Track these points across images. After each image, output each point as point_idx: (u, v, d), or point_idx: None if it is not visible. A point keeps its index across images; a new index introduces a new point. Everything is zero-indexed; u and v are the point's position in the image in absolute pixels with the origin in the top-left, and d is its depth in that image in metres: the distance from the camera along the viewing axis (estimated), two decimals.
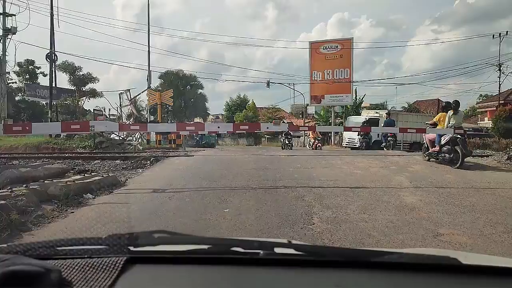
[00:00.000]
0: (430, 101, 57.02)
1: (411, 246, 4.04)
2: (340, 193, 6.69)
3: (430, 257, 1.11)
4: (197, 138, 35.85)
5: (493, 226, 4.84)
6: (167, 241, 1.20)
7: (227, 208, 5.67)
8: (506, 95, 41.75)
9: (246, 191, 6.95)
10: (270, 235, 4.44)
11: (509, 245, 4.14)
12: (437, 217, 5.26)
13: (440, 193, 6.78)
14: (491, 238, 4.38)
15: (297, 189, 6.98)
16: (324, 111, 40.61)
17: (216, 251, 1.11)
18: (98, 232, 4.51)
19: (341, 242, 4.21)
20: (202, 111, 51.91)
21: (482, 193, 6.90)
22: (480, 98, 56.57)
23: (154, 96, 27.50)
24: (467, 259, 1.06)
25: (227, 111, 57.87)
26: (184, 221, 5.11)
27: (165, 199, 6.39)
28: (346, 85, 34.65)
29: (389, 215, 5.30)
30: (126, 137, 25.86)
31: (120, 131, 19.13)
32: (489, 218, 5.18)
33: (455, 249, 4.01)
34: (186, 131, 16.06)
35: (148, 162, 11.20)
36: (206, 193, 6.81)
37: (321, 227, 4.74)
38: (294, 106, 53.70)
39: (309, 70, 35.92)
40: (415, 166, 10.29)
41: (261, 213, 5.36)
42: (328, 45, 35.68)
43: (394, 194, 6.72)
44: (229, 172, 9.13)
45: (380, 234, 4.48)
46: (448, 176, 8.67)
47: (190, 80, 49.49)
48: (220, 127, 16.99)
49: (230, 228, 4.74)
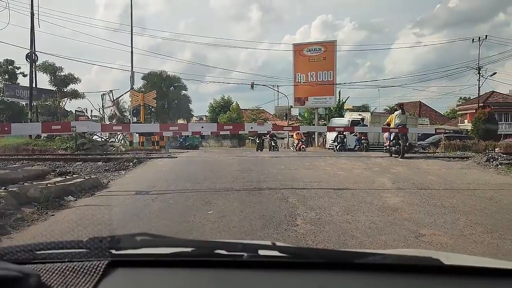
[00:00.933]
0: (412, 103, 57.91)
1: (393, 247, 4.09)
2: (323, 195, 6.72)
3: (412, 258, 1.12)
4: (180, 139, 35.66)
5: (473, 226, 4.92)
6: (149, 244, 1.18)
7: (211, 210, 5.64)
8: (485, 98, 42.60)
9: (230, 193, 6.93)
10: (254, 237, 4.44)
11: (488, 245, 4.22)
12: (419, 218, 5.33)
13: (422, 194, 6.87)
14: (471, 238, 4.46)
15: (281, 191, 6.99)
16: (308, 113, 40.87)
17: (200, 253, 1.09)
18: (79, 235, 4.44)
19: (325, 244, 4.23)
20: (185, 113, 51.53)
21: (462, 194, 7.02)
22: (460, 100, 57.59)
23: (137, 97, 27.29)
24: (448, 259, 1.07)
25: (211, 113, 57.69)
26: (167, 223, 5.06)
27: (148, 201, 6.33)
28: (329, 87, 34.93)
29: (372, 216, 5.35)
30: (108, 138, 25.57)
31: (103, 132, 18.94)
32: (469, 219, 5.26)
33: (437, 250, 4.07)
34: (169, 131, 16.00)
35: (131, 164, 11.08)
36: (190, 195, 6.77)
37: (305, 229, 4.75)
38: (278, 108, 53.86)
39: (293, 72, 36.11)
40: (397, 168, 10.41)
41: (245, 215, 5.36)
42: (311, 47, 35.93)
43: (377, 195, 6.78)
44: (213, 174, 9.10)
45: (363, 235, 4.51)
46: (430, 178, 8.80)
47: (174, 81, 49.12)
48: (204, 128, 16.93)
49: (214, 230, 4.71)
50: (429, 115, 55.72)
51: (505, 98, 45.46)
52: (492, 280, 1.04)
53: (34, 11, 26.02)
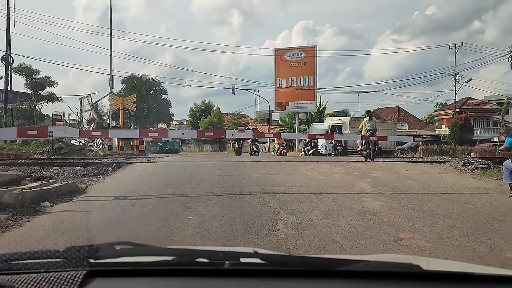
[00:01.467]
0: (391, 108, 58.84)
1: (373, 251, 4.12)
2: (304, 199, 6.74)
3: (393, 265, 1.13)
4: (160, 144, 35.36)
5: (450, 230, 5.01)
6: (129, 253, 1.16)
7: (191, 215, 5.60)
8: (461, 104, 43.61)
9: (211, 198, 6.89)
10: (235, 242, 4.42)
11: (464, 248, 4.30)
12: (398, 222, 5.39)
13: (401, 198, 6.96)
14: (448, 242, 4.53)
15: (262, 195, 6.99)
16: (288, 118, 41.06)
17: (181, 262, 1.08)
18: (56, 242, 4.34)
19: (306, 248, 4.24)
20: (166, 117, 51.11)
21: (440, 198, 7.14)
22: (438, 106, 58.78)
23: (116, 101, 26.98)
24: (428, 265, 1.08)
25: (192, 117, 57.40)
26: (147, 229, 5.00)
27: (127, 206, 6.24)
28: (310, 92, 35.20)
29: (352, 221, 5.39)
30: (86, 142, 25.17)
31: (81, 137, 18.60)
32: (446, 222, 5.36)
33: (415, 253, 4.13)
34: (149, 137, 15.81)
35: (109, 169, 10.93)
36: (170, 200, 6.70)
37: (286, 233, 4.76)
38: (259, 113, 53.92)
39: (273, 77, 36.26)
40: (377, 172, 10.53)
41: (226, 220, 5.33)
42: (292, 52, 36.17)
43: (357, 199, 6.84)
44: (193, 179, 9.04)
45: (344, 239, 4.54)
46: (409, 182, 8.93)
47: (154, 85, 48.68)
48: (184, 134, 16.86)
49: (195, 235, 4.68)
50: (408, 120, 56.66)
51: (480, 104, 46.64)
52: (469, 285, 1.06)
53: (10, 12, 25.52)
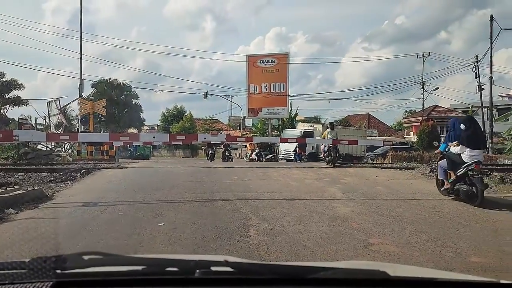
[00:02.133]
0: (362, 115, 59.86)
1: (343, 257, 4.18)
2: (276, 205, 6.77)
3: (361, 272, 1.15)
4: (131, 149, 34.85)
5: (418, 235, 5.13)
6: (98, 263, 1.14)
7: (162, 222, 5.53)
8: (429, 111, 44.84)
9: (182, 204, 6.83)
10: (206, 248, 4.39)
11: (432, 253, 4.41)
12: (367, 227, 5.48)
13: (370, 204, 7.08)
14: (416, 246, 4.64)
15: (234, 202, 6.98)
16: (261, 124, 41.18)
17: (151, 272, 1.07)
18: (21, 251, 4.21)
19: (277, 254, 4.26)
20: (137, 122, 50.34)
21: (408, 203, 7.31)
22: (406, 113, 60.16)
23: (86, 106, 26.36)
24: (395, 271, 1.11)
25: (163, 122, 56.81)
26: (116, 236, 4.91)
27: (97, 213, 6.12)
28: (282, 99, 35.42)
29: (323, 226, 5.44)
30: (54, 147, 24.53)
31: (48, 141, 18.11)
32: (414, 228, 5.48)
33: (384, 258, 4.21)
34: (119, 141, 15.54)
35: (78, 174, 10.69)
36: (140, 207, 6.61)
37: (258, 239, 4.76)
38: (232, 118, 53.85)
39: (246, 82, 36.34)
40: (347, 178, 10.69)
41: (197, 227, 5.29)
42: (265, 59, 36.36)
43: (328, 205, 6.92)
44: (164, 185, 8.94)
45: (315, 245, 4.58)
46: (378, 188, 9.09)
47: (125, 90, 47.93)
48: (155, 138, 16.68)
49: (165, 242, 4.62)
50: (377, 127, 57.74)
51: (447, 112, 48.08)
52: None
53: None
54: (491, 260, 4.23)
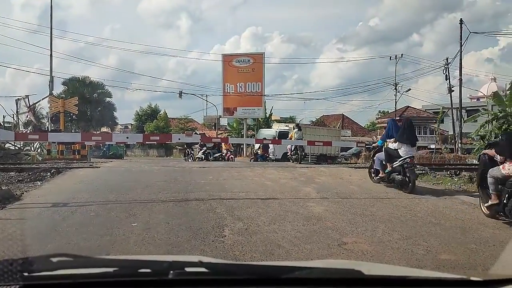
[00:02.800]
0: (336, 115, 60.57)
1: (318, 255, 4.21)
2: (251, 205, 6.77)
3: (336, 271, 1.16)
4: (104, 148, 34.25)
5: (390, 233, 5.22)
6: (67, 265, 1.10)
7: (135, 222, 5.45)
8: (401, 112, 45.79)
9: (156, 204, 6.75)
10: (180, 249, 4.35)
11: (404, 251, 4.49)
12: (341, 226, 5.55)
13: (344, 203, 7.16)
14: (389, 245, 4.72)
15: (209, 201, 6.94)
16: (236, 123, 41.19)
17: (123, 273, 1.04)
18: None
19: (252, 254, 4.25)
20: (110, 120, 49.41)
21: (381, 202, 7.43)
22: (379, 114, 61.23)
23: (56, 104, 25.73)
24: (369, 270, 1.12)
25: (137, 121, 56.07)
26: (88, 237, 4.80)
27: (67, 213, 5.97)
28: (258, 98, 35.52)
29: (298, 226, 5.47)
30: (23, 146, 23.86)
31: (17, 140, 17.59)
32: (387, 226, 5.58)
33: (358, 257, 4.26)
34: (92, 141, 15.23)
35: (48, 174, 10.42)
36: (113, 207, 6.49)
37: (232, 239, 4.75)
38: (207, 118, 53.66)
39: (222, 82, 36.27)
40: (322, 178, 10.78)
41: (171, 227, 5.24)
42: (240, 58, 36.39)
43: (303, 204, 6.96)
44: (138, 185, 8.81)
45: (289, 245, 4.60)
46: (352, 187, 9.21)
47: (98, 88, 46.99)
48: (129, 138, 16.44)
49: (139, 243, 4.55)
50: (351, 127, 58.56)
51: (418, 113, 49.27)
52: None
53: None
54: (460, 257, 4.35)
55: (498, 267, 3.89)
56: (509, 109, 25.72)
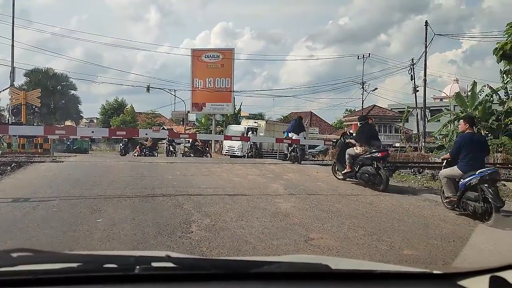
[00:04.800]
0: (304, 113, 61.08)
1: (285, 251, 4.25)
2: (219, 201, 6.75)
3: (305, 265, 1.17)
4: (67, 142, 33.37)
5: (355, 229, 5.32)
6: (28, 260, 1.06)
7: (100, 218, 5.33)
8: (367, 111, 46.61)
9: (122, 200, 6.62)
10: (146, 245, 4.29)
11: (368, 247, 4.59)
12: (308, 222, 5.61)
13: (311, 200, 7.25)
14: (354, 241, 4.82)
15: (176, 197, 6.87)
16: (205, 119, 40.93)
17: (87, 269, 1.01)
18: None
19: (219, 250, 4.25)
20: (74, 114, 48.03)
21: (347, 199, 7.56)
22: (347, 112, 62.25)
23: (18, 96, 24.78)
24: (337, 265, 1.14)
25: (103, 115, 54.80)
26: (50, 233, 4.67)
27: (28, 209, 5.77)
28: (227, 94, 35.41)
29: (265, 222, 5.50)
30: None
31: None
32: (352, 223, 5.69)
33: (324, 252, 4.33)
34: (55, 135, 14.78)
35: (8, 168, 10.05)
36: (77, 202, 6.32)
37: (200, 235, 4.72)
38: (175, 113, 53.03)
39: (190, 77, 35.94)
40: (289, 174, 10.87)
41: (137, 223, 5.16)
42: (210, 53, 36.14)
43: (270, 201, 7.00)
44: (103, 180, 8.61)
45: (257, 240, 4.62)
46: (319, 184, 9.33)
47: (62, 80, 45.59)
48: (94, 132, 16.03)
49: (103, 239, 4.46)
50: (319, 125, 59.18)
51: (384, 112, 50.37)
52: (372, 282, 1.13)
53: None
54: (421, 253, 4.49)
55: (458, 262, 4.04)
56: (470, 109, 26.75)
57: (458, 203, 6.57)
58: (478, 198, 6.18)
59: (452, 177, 6.83)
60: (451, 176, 6.83)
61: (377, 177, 8.59)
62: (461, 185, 6.52)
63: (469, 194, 6.36)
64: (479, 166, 6.50)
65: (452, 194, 6.70)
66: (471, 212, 6.30)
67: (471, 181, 6.33)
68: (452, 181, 6.80)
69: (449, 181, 6.83)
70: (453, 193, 6.69)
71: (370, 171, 8.69)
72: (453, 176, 6.81)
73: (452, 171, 6.83)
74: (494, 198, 5.98)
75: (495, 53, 22.77)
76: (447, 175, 6.92)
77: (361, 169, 8.95)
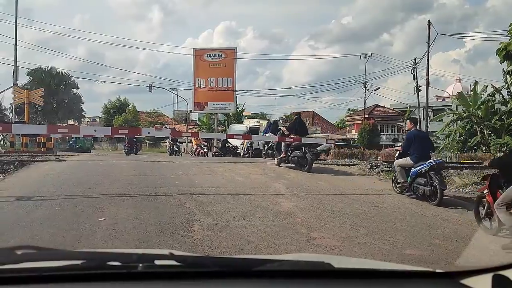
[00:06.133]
0: (306, 112, 61.03)
1: (287, 251, 4.25)
2: (221, 200, 6.76)
3: (307, 263, 1.17)
4: (70, 141, 33.40)
5: (357, 229, 5.32)
6: (31, 258, 1.06)
7: (102, 217, 5.34)
8: (370, 110, 46.60)
9: (124, 199, 6.64)
10: (149, 244, 4.31)
11: (370, 246, 4.59)
12: (310, 222, 5.61)
13: (313, 199, 7.25)
14: (356, 240, 4.82)
15: (178, 196, 6.88)
16: (207, 118, 40.92)
17: (90, 266, 1.01)
18: None
19: (221, 249, 4.25)
20: (77, 113, 48.10)
21: (349, 199, 7.55)
22: (349, 111, 62.14)
23: (21, 95, 24.85)
24: (339, 263, 1.14)
25: (105, 114, 54.82)
26: (53, 231, 4.68)
27: (31, 207, 5.79)
28: (229, 94, 35.34)
29: (267, 221, 5.51)
30: None
31: None
32: (354, 222, 5.68)
33: (326, 252, 4.33)
34: (58, 134, 14.81)
35: (11, 167, 10.08)
36: (79, 201, 6.34)
37: (202, 234, 4.73)
38: (177, 112, 53.07)
39: (193, 76, 35.92)
40: (291, 174, 10.86)
41: (140, 222, 5.17)
42: (212, 53, 36.08)
43: (272, 200, 7.00)
44: (105, 179, 8.63)
45: (259, 240, 4.63)
46: (321, 183, 9.33)
47: (64, 79, 45.62)
48: (97, 131, 16.06)
49: (106, 238, 4.48)
50: (321, 124, 59.12)
51: (387, 111, 50.28)
52: (375, 280, 1.13)
53: None
54: (424, 252, 4.49)
55: (461, 261, 4.04)
56: (473, 109, 26.71)
57: (409, 188, 7.81)
58: (426, 183, 7.37)
59: (404, 166, 8.04)
60: (404, 165, 8.04)
61: (304, 159, 10.88)
62: (413, 172, 7.70)
63: (419, 180, 7.56)
64: (426, 157, 7.75)
65: (404, 180, 7.92)
66: (420, 194, 7.48)
67: (422, 169, 7.51)
68: (404, 169, 8.01)
69: (402, 170, 8.06)
70: (405, 179, 7.92)
71: (299, 154, 11.02)
72: (405, 165, 8.01)
73: (405, 161, 8.04)
74: (439, 183, 7.19)
75: (498, 53, 22.70)
76: (400, 164, 8.16)
77: (292, 153, 11.21)
